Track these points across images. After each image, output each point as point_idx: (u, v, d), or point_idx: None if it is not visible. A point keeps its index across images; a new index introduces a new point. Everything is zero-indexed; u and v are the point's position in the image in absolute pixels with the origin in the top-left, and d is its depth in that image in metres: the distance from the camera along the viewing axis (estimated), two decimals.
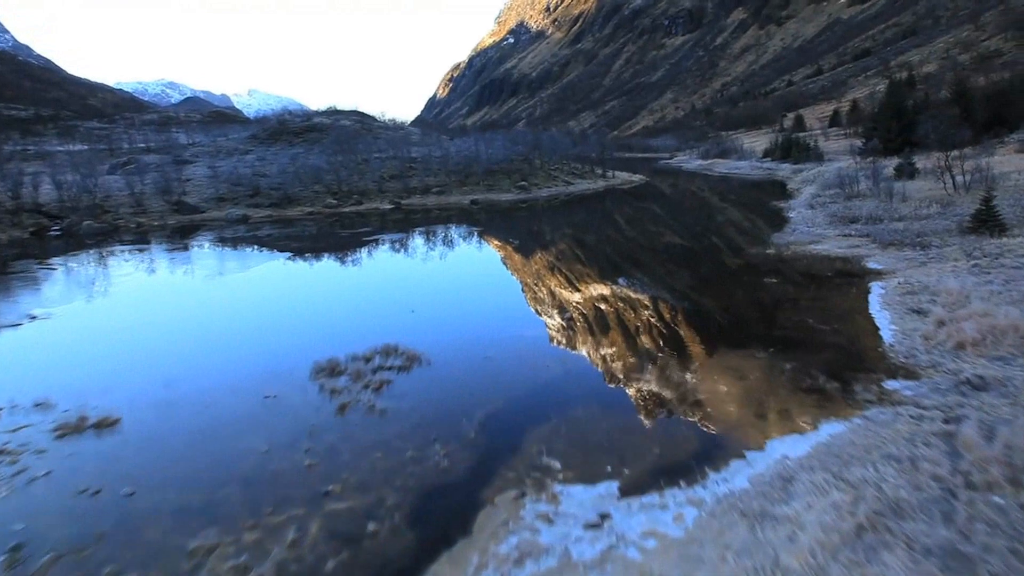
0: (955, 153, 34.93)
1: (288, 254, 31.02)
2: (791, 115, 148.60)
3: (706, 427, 10.85)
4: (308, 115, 78.33)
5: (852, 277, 20.51)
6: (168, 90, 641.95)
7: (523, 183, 56.82)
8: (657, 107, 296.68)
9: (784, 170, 73.53)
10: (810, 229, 29.87)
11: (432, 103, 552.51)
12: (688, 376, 13.20)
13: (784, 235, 28.96)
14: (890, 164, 48.12)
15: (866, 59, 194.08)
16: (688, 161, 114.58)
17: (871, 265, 21.88)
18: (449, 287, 23.47)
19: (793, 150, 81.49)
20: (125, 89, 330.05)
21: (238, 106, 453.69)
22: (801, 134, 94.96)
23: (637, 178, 73.78)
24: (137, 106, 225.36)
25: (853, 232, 27.90)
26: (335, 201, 48.28)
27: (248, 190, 48.75)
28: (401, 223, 43.26)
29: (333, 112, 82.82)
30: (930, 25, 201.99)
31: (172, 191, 47.47)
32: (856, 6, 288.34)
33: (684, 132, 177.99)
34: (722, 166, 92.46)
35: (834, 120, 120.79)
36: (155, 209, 44.92)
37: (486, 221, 43.63)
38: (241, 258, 30.65)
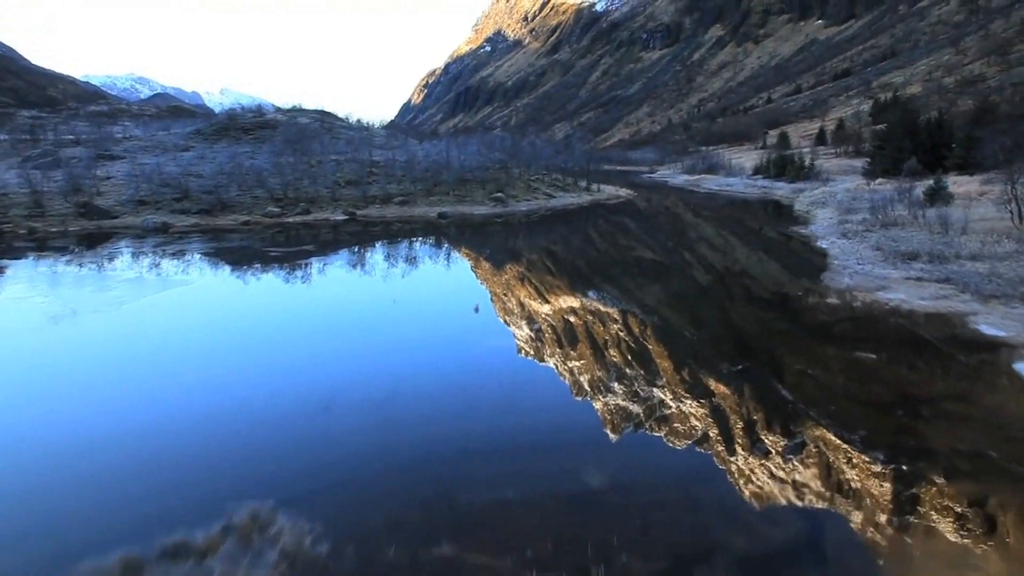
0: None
1: (185, 280, 23.85)
2: (774, 132, 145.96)
3: None
4: (261, 110, 70.58)
5: (972, 350, 14.33)
6: (138, 85, 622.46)
7: (499, 194, 50.22)
8: (633, 120, 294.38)
9: (781, 189, 68.12)
10: (863, 268, 23.65)
11: (407, 108, 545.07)
12: None
13: (836, 276, 22.68)
14: (917, 187, 42.71)
15: (846, 79, 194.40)
16: (672, 176, 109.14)
17: (985, 329, 15.68)
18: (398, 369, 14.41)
19: (788, 168, 76.35)
20: (92, 82, 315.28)
21: (209, 104, 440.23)
22: (789, 151, 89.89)
23: (624, 193, 67.55)
24: (99, 99, 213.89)
25: (923, 275, 21.77)
26: (278, 209, 41.12)
27: (175, 193, 41.35)
28: (356, 238, 36.40)
29: (293, 110, 75.40)
30: (909, 48, 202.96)
31: (83, 191, 39.92)
32: (833, 27, 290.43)
33: (664, 146, 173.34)
34: (711, 182, 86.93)
35: (820, 138, 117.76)
36: (58, 212, 37.41)
37: (456, 239, 36.94)
38: (103, 287, 23.37)
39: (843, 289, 20.55)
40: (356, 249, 32.54)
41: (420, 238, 36.94)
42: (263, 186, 44.01)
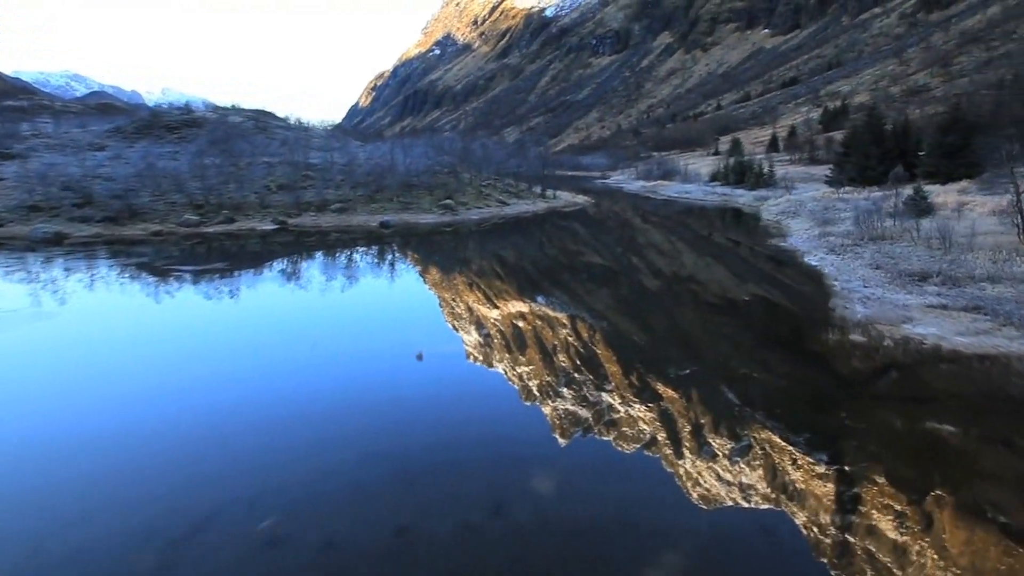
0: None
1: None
2: (726, 138, 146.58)
3: None
4: (189, 108, 64.73)
5: None
6: (73, 83, 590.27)
7: (448, 201, 46.08)
8: (583, 125, 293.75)
9: (743, 197, 65.82)
10: (873, 292, 20.39)
11: (354, 111, 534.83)
12: None
13: (846, 303, 19.31)
14: (888, 197, 40.42)
15: (794, 87, 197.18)
16: (627, 182, 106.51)
17: None
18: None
19: (747, 175, 74.27)
20: (23, 79, 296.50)
21: (149, 103, 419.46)
22: (747, 159, 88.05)
23: (581, 200, 64.03)
24: (21, 94, 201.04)
25: (944, 301, 18.63)
26: (196, 217, 36.12)
27: (76, 198, 35.93)
28: (285, 250, 31.88)
29: (226, 108, 69.79)
30: (853, 58, 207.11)
31: None
32: (779, 36, 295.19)
33: (615, 151, 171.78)
34: (668, 189, 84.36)
35: (772, 145, 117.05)
36: None
37: (399, 252, 32.71)
38: None
39: (862, 321, 17.16)
40: (282, 266, 28.01)
41: (359, 250, 32.62)
42: (182, 191, 38.90)
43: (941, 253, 24.86)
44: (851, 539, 7.83)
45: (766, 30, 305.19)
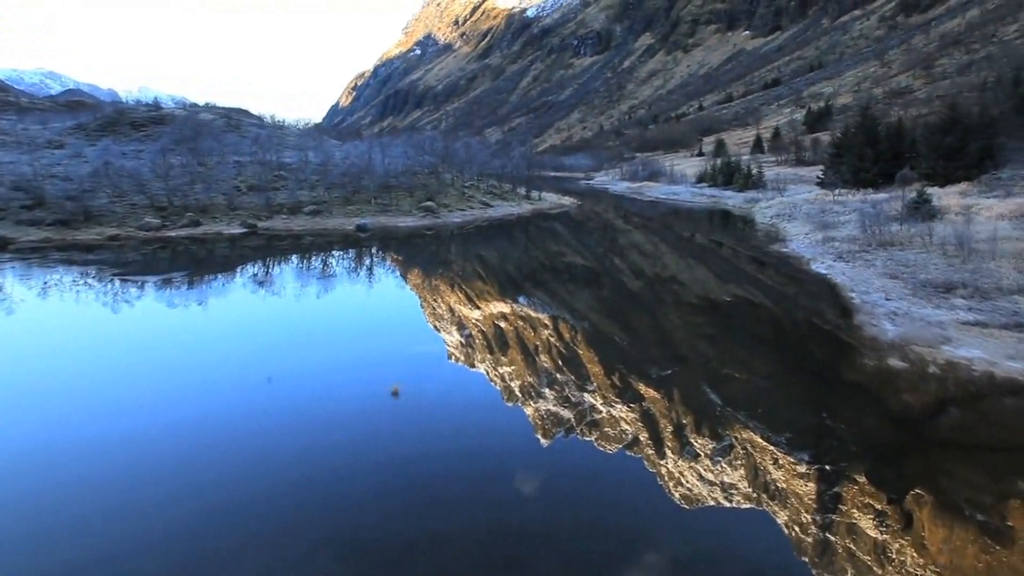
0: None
1: None
2: (710, 139, 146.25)
3: None
4: (158, 104, 61.84)
5: None
6: (48, 80, 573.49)
7: (429, 203, 43.89)
8: (564, 126, 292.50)
9: (733, 199, 64.20)
10: (898, 306, 18.53)
11: (335, 111, 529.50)
12: None
13: (871, 319, 17.45)
14: (889, 200, 38.92)
15: (776, 88, 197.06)
16: (612, 183, 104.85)
17: None
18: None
19: (736, 177, 72.73)
20: None
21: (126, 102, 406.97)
22: (733, 159, 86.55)
23: (568, 201, 62.10)
24: None
25: (979, 317, 16.85)
26: (158, 220, 33.61)
27: (27, 199, 33.27)
28: (253, 256, 29.57)
29: (198, 106, 66.97)
30: (835, 60, 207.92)
31: None
32: (759, 38, 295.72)
33: (599, 152, 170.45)
34: (655, 190, 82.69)
35: (757, 146, 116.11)
36: None
37: (377, 255, 30.48)
38: None
39: (896, 343, 15.26)
40: (248, 275, 25.66)
41: (334, 255, 30.39)
42: (144, 192, 36.35)
43: (959, 261, 23.12)
44: None
45: (747, 32, 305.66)
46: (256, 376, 13.76)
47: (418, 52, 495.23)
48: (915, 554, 7.58)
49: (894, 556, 7.56)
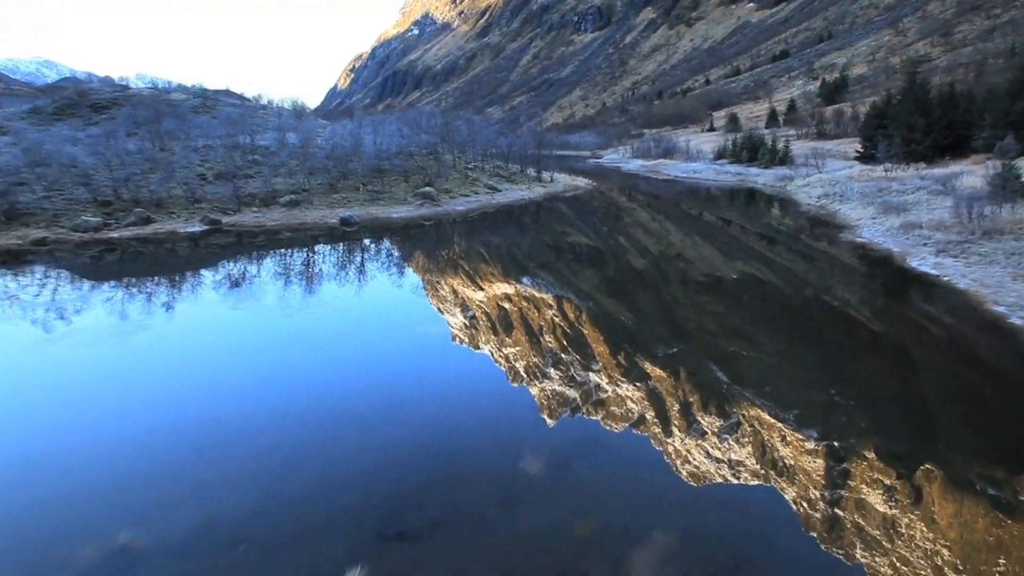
0: None
1: None
2: (720, 113, 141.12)
3: None
4: (125, 85, 55.74)
5: None
6: (44, 69, 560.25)
7: (428, 188, 38.12)
8: (566, 104, 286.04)
9: (761, 176, 58.14)
10: None
11: (333, 94, 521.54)
12: None
13: None
14: (959, 176, 33.33)
15: (786, 60, 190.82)
16: (624, 161, 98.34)
17: None
18: None
19: (761, 152, 66.62)
20: None
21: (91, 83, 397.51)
22: (753, 134, 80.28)
23: (582, 182, 55.94)
24: None
25: None
26: (98, 219, 27.88)
27: None
28: (209, 261, 23.99)
29: (172, 86, 60.94)
30: (845, 29, 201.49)
31: None
32: (764, 10, 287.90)
33: (605, 129, 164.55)
34: (672, 168, 76.49)
35: (772, 119, 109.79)
36: None
37: (358, 263, 24.73)
38: None
39: None
40: (188, 291, 20.08)
41: (308, 259, 24.73)
42: (89, 183, 30.64)
43: None
44: None
45: (751, 4, 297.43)
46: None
47: (416, 32, 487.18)
48: (925, 529, 7.59)
49: (903, 531, 7.58)
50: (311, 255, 25.37)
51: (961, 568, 6.94)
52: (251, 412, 11.27)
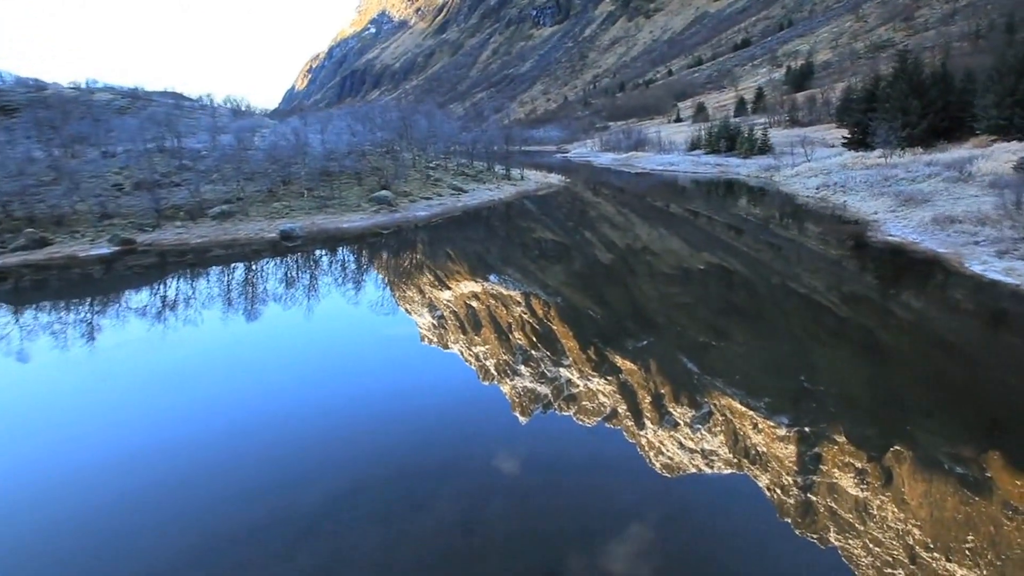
0: None
1: None
2: (686, 103, 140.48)
3: None
4: (41, 84, 49.94)
5: None
6: None
7: (384, 192, 33.64)
8: (528, 99, 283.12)
9: (742, 167, 54.78)
10: None
11: (291, 96, 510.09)
12: None
13: None
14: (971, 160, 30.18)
15: (748, 49, 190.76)
16: (593, 155, 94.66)
17: None
18: None
19: (739, 141, 63.34)
20: None
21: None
22: (727, 122, 77.18)
23: (555, 179, 51.65)
24: None
25: None
26: None
27: None
28: (108, 295, 19.22)
29: (99, 87, 55.30)
30: (805, 17, 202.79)
31: None
32: (722, 0, 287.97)
33: (570, 122, 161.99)
34: (646, 161, 72.91)
35: (740, 108, 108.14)
36: None
37: (293, 293, 20.06)
38: None
39: None
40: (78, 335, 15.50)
41: (234, 286, 20.15)
42: None
43: None
44: None
45: None
46: None
47: (373, 30, 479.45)
48: (896, 509, 7.62)
49: (875, 512, 7.60)
50: (230, 280, 20.81)
51: (932, 546, 6.97)
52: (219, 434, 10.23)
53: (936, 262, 18.48)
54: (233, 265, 22.80)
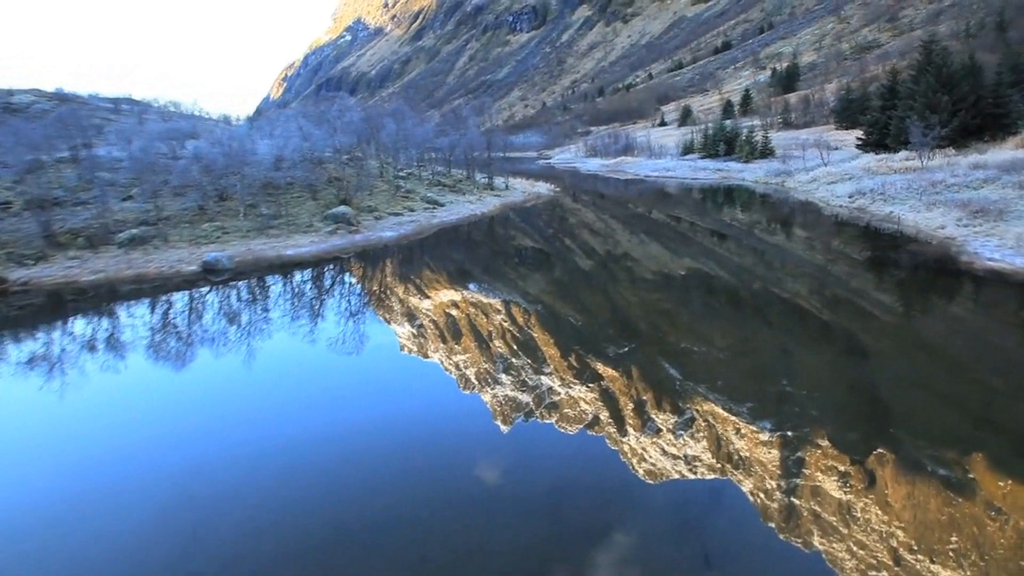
0: None
1: None
2: (669, 107, 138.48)
3: None
4: None
5: None
6: None
7: (343, 208, 27.92)
8: (505, 105, 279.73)
9: (745, 171, 49.89)
10: None
11: (266, 104, 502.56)
12: None
13: None
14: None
15: (730, 52, 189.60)
16: (578, 161, 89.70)
17: None
18: None
19: (738, 145, 58.47)
20: None
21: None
22: (724, 125, 72.58)
23: (543, 188, 46.09)
24: None
25: None
26: None
27: None
28: None
29: (23, 91, 48.98)
30: (786, 19, 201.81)
31: None
32: (700, 4, 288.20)
33: (550, 128, 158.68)
34: (638, 167, 67.93)
35: (726, 111, 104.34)
36: None
37: (202, 354, 14.43)
38: None
39: None
40: None
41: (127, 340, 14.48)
42: None
43: None
44: None
45: None
46: None
47: (348, 38, 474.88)
48: (879, 512, 7.38)
49: (859, 515, 7.36)
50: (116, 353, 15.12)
51: (916, 548, 6.81)
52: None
53: None
54: (134, 294, 17.09)
